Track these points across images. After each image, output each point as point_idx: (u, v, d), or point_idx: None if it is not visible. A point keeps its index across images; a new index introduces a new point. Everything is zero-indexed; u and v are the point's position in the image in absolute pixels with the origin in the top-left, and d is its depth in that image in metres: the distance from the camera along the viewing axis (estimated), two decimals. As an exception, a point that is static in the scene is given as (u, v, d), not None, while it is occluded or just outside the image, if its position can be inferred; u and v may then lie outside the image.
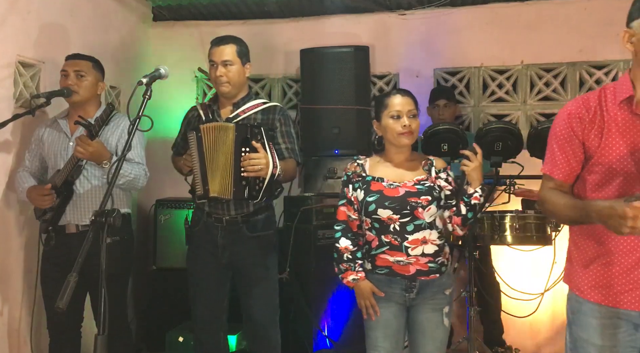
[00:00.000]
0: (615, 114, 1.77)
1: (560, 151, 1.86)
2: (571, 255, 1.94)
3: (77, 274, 1.78)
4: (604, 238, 1.79)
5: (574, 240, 1.92)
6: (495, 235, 3.08)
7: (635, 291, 1.76)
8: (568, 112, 1.85)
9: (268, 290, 2.79)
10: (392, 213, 2.27)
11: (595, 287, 1.82)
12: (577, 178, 1.88)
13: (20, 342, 3.05)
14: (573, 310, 1.90)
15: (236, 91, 2.77)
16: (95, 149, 2.59)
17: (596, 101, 1.81)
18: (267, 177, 2.53)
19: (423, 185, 2.31)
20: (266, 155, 2.52)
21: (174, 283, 3.82)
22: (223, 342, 2.92)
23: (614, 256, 1.78)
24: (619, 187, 1.77)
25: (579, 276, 1.87)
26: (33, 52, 3.13)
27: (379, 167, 2.39)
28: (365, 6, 4.18)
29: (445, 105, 3.79)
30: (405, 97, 2.36)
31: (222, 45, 2.73)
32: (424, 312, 2.32)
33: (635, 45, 1.72)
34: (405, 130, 2.30)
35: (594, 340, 1.81)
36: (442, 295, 2.33)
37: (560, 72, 4.01)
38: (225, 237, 2.72)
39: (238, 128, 2.56)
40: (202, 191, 2.60)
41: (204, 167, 2.59)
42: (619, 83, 1.81)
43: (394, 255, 2.29)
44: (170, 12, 4.42)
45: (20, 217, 3.09)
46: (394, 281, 2.32)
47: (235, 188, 2.53)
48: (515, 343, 3.76)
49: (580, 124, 1.82)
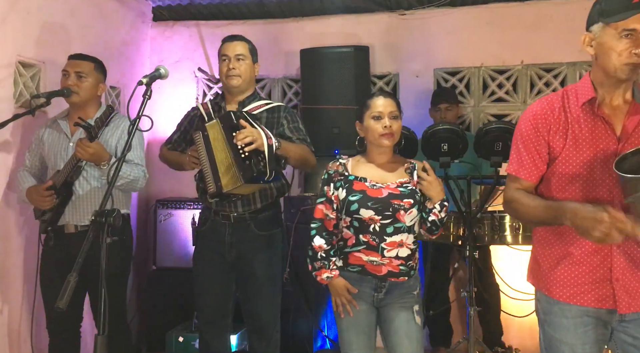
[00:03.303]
0: (578, 115, 1.82)
1: (526, 151, 1.89)
2: (537, 256, 1.97)
3: (77, 274, 1.78)
4: (570, 239, 1.82)
5: (540, 241, 1.95)
6: (495, 235, 3.08)
7: (601, 289, 1.80)
8: (534, 112, 1.89)
9: (273, 289, 2.79)
10: (374, 214, 2.27)
11: (564, 286, 1.85)
12: (541, 179, 1.90)
13: (20, 342, 3.05)
14: (544, 311, 1.94)
15: (245, 87, 2.78)
16: (95, 151, 2.59)
17: (560, 102, 1.86)
18: (265, 148, 2.46)
19: (405, 188, 2.32)
20: (252, 129, 2.46)
21: (174, 283, 3.83)
22: (228, 343, 2.92)
23: (581, 256, 1.82)
24: (582, 188, 1.80)
25: (547, 277, 1.90)
26: (33, 52, 3.13)
27: (362, 167, 2.40)
28: (365, 6, 4.18)
29: (446, 108, 3.79)
30: (387, 98, 2.38)
31: (235, 41, 2.78)
32: (394, 310, 2.33)
33: (594, 49, 1.77)
34: (385, 131, 2.32)
35: (568, 340, 1.85)
36: (410, 295, 2.35)
37: (560, 72, 4.01)
38: (233, 235, 2.72)
39: (221, 118, 2.55)
40: (214, 188, 2.54)
41: (215, 164, 2.55)
42: (580, 85, 1.86)
43: (369, 254, 2.30)
44: (170, 12, 4.42)
45: (20, 217, 3.09)
46: (364, 279, 2.33)
47: (242, 171, 2.45)
48: (515, 343, 3.77)
49: (545, 124, 1.85)
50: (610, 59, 1.72)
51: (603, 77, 1.79)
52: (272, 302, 2.79)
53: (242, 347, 3.59)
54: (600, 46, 1.75)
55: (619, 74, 1.72)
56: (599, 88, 1.81)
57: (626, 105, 1.80)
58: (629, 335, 1.81)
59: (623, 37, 1.69)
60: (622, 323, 1.82)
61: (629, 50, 1.68)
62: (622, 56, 1.70)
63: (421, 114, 3.99)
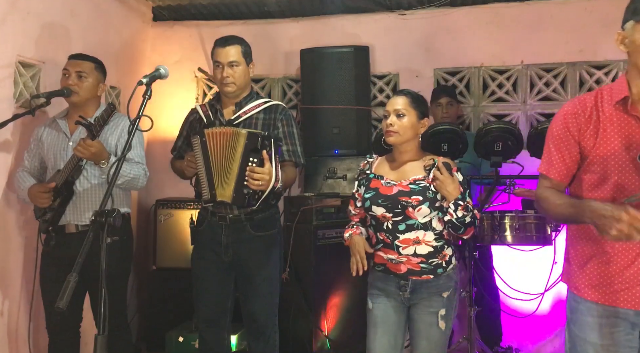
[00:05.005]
0: (611, 114, 1.80)
1: (556, 151, 1.89)
2: (569, 255, 1.96)
3: (77, 274, 1.78)
4: (600, 238, 1.78)
5: (571, 239, 1.94)
6: (495, 235, 3.08)
7: (631, 289, 1.77)
8: (565, 112, 1.89)
9: (270, 290, 2.79)
10: (385, 211, 2.30)
11: (592, 285, 1.83)
12: (573, 178, 1.90)
13: (20, 342, 3.05)
14: (571, 309, 1.92)
15: (240, 91, 2.78)
16: (96, 149, 2.59)
17: (592, 102, 1.85)
18: (267, 190, 2.54)
19: (418, 185, 2.30)
20: (271, 170, 2.52)
21: (174, 283, 3.83)
22: (227, 342, 2.92)
23: (610, 255, 1.80)
24: (614, 186, 1.79)
25: (576, 275, 1.89)
26: (33, 52, 3.13)
27: (384, 165, 2.43)
28: (365, 6, 4.18)
29: (448, 103, 3.76)
30: (396, 96, 2.40)
31: (227, 46, 2.72)
32: (419, 313, 2.34)
33: (627, 47, 1.76)
34: (387, 129, 2.34)
35: (592, 339, 1.82)
36: (438, 298, 2.31)
37: (560, 72, 4.01)
38: (229, 236, 2.72)
39: (249, 137, 2.55)
40: (209, 196, 2.60)
41: (210, 172, 2.59)
42: (615, 84, 1.84)
43: (387, 253, 2.34)
44: (170, 12, 4.42)
45: (20, 217, 3.09)
46: (389, 278, 2.36)
47: (236, 195, 2.55)
48: (515, 343, 3.76)
49: (576, 124, 1.84)
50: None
51: (636, 76, 1.77)
52: (270, 302, 2.79)
53: (242, 347, 3.59)
54: (632, 44, 1.74)
55: None
56: (633, 87, 1.78)
57: None
58: None
59: None
60: None
61: None
62: None
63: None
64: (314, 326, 3.52)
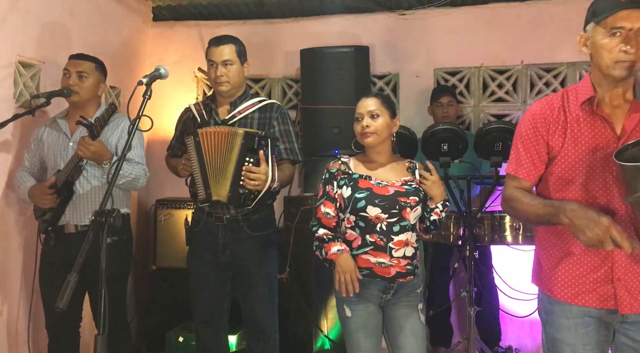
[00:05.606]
0: (578, 114, 1.83)
1: (525, 151, 1.91)
2: (539, 257, 1.98)
3: (77, 274, 1.78)
4: (570, 238, 1.82)
5: (541, 241, 1.96)
6: (495, 235, 3.08)
7: (601, 289, 1.80)
8: (533, 112, 1.91)
9: (269, 290, 2.79)
10: (380, 212, 2.27)
11: (565, 286, 1.85)
12: (540, 178, 1.92)
13: (19, 342, 3.05)
14: (546, 311, 1.94)
15: (235, 91, 2.78)
16: (97, 149, 2.59)
17: (560, 102, 1.88)
18: (264, 190, 2.55)
19: (410, 186, 2.34)
20: (267, 170, 2.53)
21: (174, 283, 3.82)
22: (224, 342, 2.92)
23: (580, 256, 1.82)
24: (581, 187, 1.81)
25: (548, 277, 1.91)
26: (33, 52, 3.13)
27: (364, 166, 2.41)
28: (365, 6, 4.18)
29: (449, 102, 3.77)
30: (368, 98, 2.41)
31: (221, 45, 2.73)
32: (399, 309, 2.34)
33: (589, 49, 1.80)
34: (364, 130, 2.35)
35: (568, 340, 1.85)
36: (414, 294, 2.36)
37: (560, 72, 4.01)
38: (227, 236, 2.72)
39: (246, 136, 2.55)
40: (204, 196, 2.61)
41: (205, 171, 2.59)
42: (580, 84, 1.88)
43: (377, 256, 2.28)
44: (170, 12, 4.42)
45: (19, 217, 3.09)
46: (373, 282, 2.30)
47: (232, 194, 2.55)
48: (515, 343, 3.77)
49: (544, 124, 1.87)
50: (602, 58, 1.75)
51: (600, 77, 1.80)
52: (269, 302, 2.79)
53: (242, 347, 3.58)
54: (593, 45, 1.78)
55: (611, 72, 1.74)
56: (598, 87, 1.82)
57: (627, 104, 1.80)
58: (629, 338, 1.80)
59: (612, 35, 1.71)
60: (623, 325, 1.81)
61: (618, 48, 1.71)
62: (612, 54, 1.72)
63: (421, 114, 4.00)
64: (314, 326, 3.52)
